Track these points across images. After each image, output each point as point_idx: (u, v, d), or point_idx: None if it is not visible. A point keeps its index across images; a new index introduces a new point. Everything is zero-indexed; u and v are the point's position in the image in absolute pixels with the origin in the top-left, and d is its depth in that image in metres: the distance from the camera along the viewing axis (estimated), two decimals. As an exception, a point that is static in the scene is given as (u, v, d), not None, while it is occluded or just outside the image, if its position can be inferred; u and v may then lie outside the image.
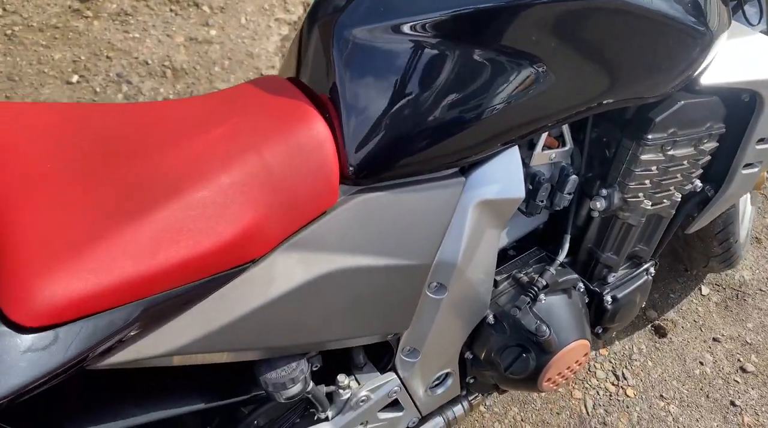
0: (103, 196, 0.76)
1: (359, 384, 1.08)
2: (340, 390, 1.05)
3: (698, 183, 1.18)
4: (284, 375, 0.93)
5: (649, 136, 1.02)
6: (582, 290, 1.19)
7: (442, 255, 0.98)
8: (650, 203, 1.12)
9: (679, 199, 1.17)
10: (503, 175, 0.98)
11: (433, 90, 0.86)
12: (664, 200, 1.16)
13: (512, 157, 0.98)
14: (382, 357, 1.12)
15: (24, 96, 2.12)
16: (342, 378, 1.05)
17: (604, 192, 1.08)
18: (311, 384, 0.98)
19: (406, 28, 0.84)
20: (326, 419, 1.06)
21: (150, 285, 0.73)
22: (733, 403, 1.68)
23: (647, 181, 1.09)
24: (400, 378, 1.10)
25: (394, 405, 1.16)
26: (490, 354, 1.13)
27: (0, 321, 0.64)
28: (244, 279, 0.83)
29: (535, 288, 1.10)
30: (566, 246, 1.14)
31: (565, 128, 1.03)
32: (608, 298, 1.21)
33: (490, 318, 1.12)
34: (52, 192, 0.75)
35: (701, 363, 1.76)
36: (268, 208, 0.81)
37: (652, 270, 1.27)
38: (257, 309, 0.85)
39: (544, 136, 1.00)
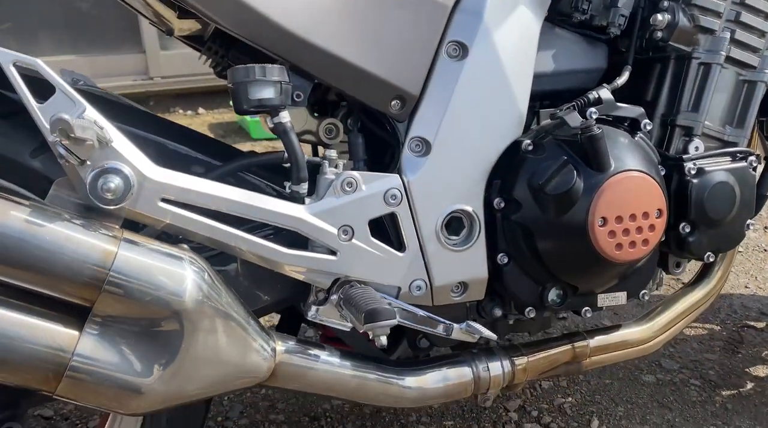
0: None
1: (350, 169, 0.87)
2: (326, 163, 0.85)
3: None
4: (258, 68, 0.78)
5: None
6: (649, 129, 0.93)
7: (464, 3, 0.86)
8: (729, 37, 0.94)
9: None
10: None
11: None
12: (751, 52, 0.97)
13: None
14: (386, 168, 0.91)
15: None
16: (331, 153, 0.86)
17: (665, 3, 0.93)
18: (286, 109, 0.81)
19: None
20: (301, 200, 0.84)
21: None
22: None
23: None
24: (404, 182, 0.87)
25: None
26: (524, 185, 0.88)
27: None
28: None
29: (585, 99, 0.89)
30: (626, 74, 0.94)
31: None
32: (691, 166, 0.93)
33: (527, 144, 0.90)
34: None
35: None
36: None
37: (752, 159, 0.98)
38: None
39: None
